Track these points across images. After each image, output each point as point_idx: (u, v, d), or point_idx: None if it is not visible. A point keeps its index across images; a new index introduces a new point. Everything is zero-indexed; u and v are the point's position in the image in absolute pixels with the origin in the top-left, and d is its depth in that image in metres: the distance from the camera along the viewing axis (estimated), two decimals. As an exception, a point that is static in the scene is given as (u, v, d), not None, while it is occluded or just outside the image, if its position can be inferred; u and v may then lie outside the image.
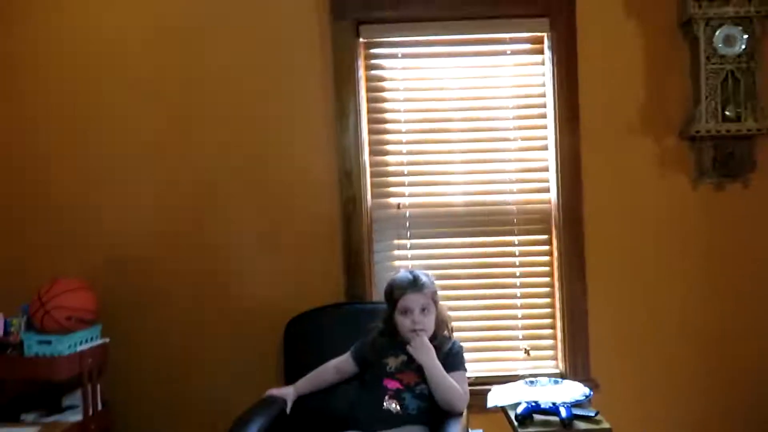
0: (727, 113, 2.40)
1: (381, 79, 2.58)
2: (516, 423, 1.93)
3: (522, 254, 2.57)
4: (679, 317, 2.52)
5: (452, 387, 1.99)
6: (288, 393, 2.15)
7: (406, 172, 2.58)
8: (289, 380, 2.24)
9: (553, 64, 2.50)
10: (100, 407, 2.32)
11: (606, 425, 1.89)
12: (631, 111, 2.51)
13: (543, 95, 2.57)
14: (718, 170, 2.46)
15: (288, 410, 2.11)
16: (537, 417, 1.95)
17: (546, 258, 2.58)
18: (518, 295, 2.57)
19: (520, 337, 2.56)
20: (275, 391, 2.16)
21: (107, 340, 2.36)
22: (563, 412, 1.89)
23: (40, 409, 2.26)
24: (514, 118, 2.57)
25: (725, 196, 2.51)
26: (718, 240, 2.52)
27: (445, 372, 2.01)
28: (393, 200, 2.57)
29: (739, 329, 2.51)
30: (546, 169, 2.57)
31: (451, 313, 2.25)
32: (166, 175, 2.52)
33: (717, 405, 2.50)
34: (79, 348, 2.22)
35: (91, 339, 2.30)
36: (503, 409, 2.08)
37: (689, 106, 2.48)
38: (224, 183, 2.52)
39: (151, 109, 2.52)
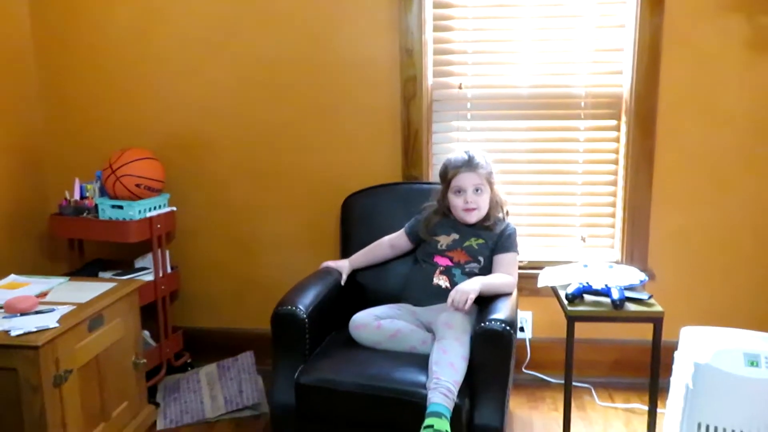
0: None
1: (448, -52, 2.42)
2: (566, 302, 1.93)
3: (587, 140, 2.47)
4: (753, 217, 2.41)
5: (503, 285, 1.98)
6: (343, 265, 2.22)
7: (470, 51, 2.46)
8: (345, 255, 2.31)
9: (640, -70, 2.27)
10: (169, 270, 2.48)
11: (658, 308, 1.87)
12: (725, -15, 2.28)
13: (625, -33, 2.36)
14: (818, 52, 2.24)
15: (343, 282, 2.18)
16: (588, 297, 1.95)
17: (612, 145, 2.47)
18: (579, 182, 2.50)
19: (578, 224, 2.52)
20: (331, 264, 2.23)
21: (175, 208, 2.48)
22: (615, 294, 1.88)
23: (115, 269, 2.44)
24: (590, -7, 2.39)
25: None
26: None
27: (491, 279, 1.98)
28: (455, 80, 2.48)
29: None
30: (621, 51, 2.40)
31: (509, 197, 2.23)
32: (228, 56, 2.51)
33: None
34: (149, 214, 2.35)
35: (160, 206, 2.42)
36: (554, 290, 2.08)
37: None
38: (285, 62, 2.49)
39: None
